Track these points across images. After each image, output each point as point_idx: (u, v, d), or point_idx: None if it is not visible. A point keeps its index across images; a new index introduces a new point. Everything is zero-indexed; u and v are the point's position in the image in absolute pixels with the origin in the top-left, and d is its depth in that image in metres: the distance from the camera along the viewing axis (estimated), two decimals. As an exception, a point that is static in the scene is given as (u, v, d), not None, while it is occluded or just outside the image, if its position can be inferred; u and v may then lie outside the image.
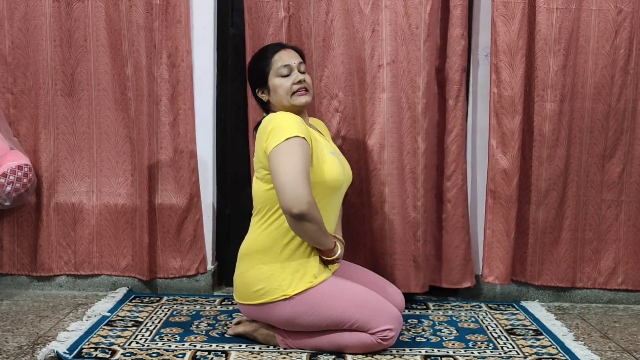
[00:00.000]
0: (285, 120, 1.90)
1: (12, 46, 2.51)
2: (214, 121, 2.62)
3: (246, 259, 2.00)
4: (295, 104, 2.00)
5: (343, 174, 2.02)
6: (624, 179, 2.54)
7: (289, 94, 1.99)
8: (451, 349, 2.04)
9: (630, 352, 2.07)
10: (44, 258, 2.59)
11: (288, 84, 1.99)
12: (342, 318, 1.91)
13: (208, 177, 2.61)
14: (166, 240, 2.58)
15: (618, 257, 2.58)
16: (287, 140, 1.85)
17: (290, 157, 1.83)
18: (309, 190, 1.82)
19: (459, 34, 2.42)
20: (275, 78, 2.00)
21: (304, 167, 1.84)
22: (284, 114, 1.94)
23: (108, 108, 2.57)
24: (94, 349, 1.96)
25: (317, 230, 1.87)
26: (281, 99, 2.00)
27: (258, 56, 2.08)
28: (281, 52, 2.03)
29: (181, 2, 2.49)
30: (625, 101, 2.49)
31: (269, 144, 1.87)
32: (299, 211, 1.80)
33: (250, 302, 1.97)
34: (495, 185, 2.46)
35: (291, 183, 1.80)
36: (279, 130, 1.87)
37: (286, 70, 2.00)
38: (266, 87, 2.02)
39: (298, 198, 1.79)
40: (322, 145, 1.99)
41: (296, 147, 1.85)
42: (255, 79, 2.04)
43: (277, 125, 1.88)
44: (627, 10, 2.42)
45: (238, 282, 2.02)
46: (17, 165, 2.42)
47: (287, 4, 2.46)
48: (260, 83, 2.03)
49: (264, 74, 2.01)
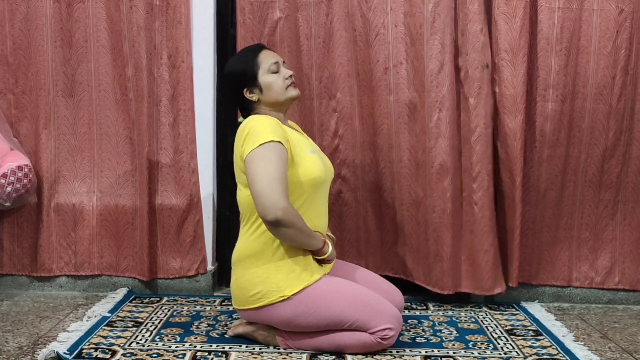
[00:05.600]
0: (261, 124, 1.90)
1: (14, 47, 2.52)
2: (214, 122, 2.62)
3: (240, 264, 2.00)
4: (291, 96, 2.04)
5: (325, 170, 2.02)
6: (621, 179, 2.54)
7: (283, 88, 2.02)
8: (451, 349, 2.04)
9: (630, 353, 2.07)
10: (44, 258, 2.59)
11: (280, 80, 2.03)
12: (341, 318, 1.91)
13: (208, 178, 2.61)
14: (166, 240, 2.58)
15: (614, 257, 2.58)
16: (262, 145, 1.85)
17: (265, 163, 1.84)
18: (283, 196, 1.82)
19: (477, 30, 2.36)
20: (267, 75, 2.02)
21: (279, 173, 1.84)
22: (260, 117, 1.94)
23: (108, 109, 2.57)
24: (94, 350, 1.97)
25: (298, 234, 1.88)
26: (276, 94, 2.02)
27: (241, 58, 2.07)
28: (264, 51, 2.06)
29: (181, 3, 2.50)
30: (625, 101, 2.49)
31: (244, 149, 1.88)
32: (273, 218, 1.81)
33: (249, 307, 1.97)
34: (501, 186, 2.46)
35: (264, 189, 1.81)
36: (254, 135, 1.88)
37: (276, 67, 2.03)
38: (257, 86, 2.02)
39: (272, 205, 1.80)
40: (301, 144, 2.00)
41: (271, 152, 1.85)
42: (244, 79, 2.03)
43: (253, 129, 1.89)
44: (628, 11, 2.42)
45: (235, 288, 2.02)
46: (17, 165, 2.42)
47: (282, 4, 2.46)
48: (249, 83, 2.02)
49: (253, 73, 2.02)
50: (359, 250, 2.61)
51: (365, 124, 2.52)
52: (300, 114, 2.54)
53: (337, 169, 2.52)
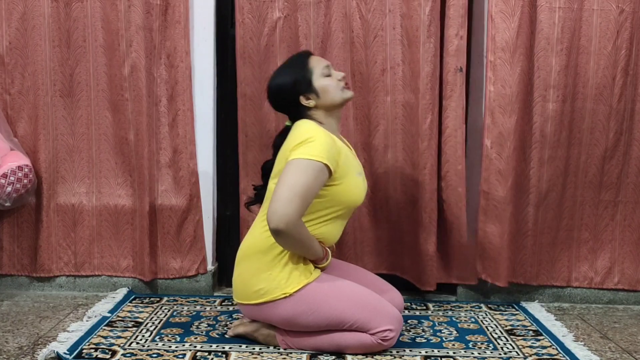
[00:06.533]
0: (320, 140, 1.90)
1: (10, 46, 2.51)
2: (214, 122, 2.62)
3: (246, 259, 2.00)
4: (347, 97, 2.06)
5: (364, 195, 2.05)
6: (621, 180, 2.54)
7: (339, 90, 2.03)
8: (451, 349, 2.05)
9: (630, 353, 2.07)
10: (44, 259, 2.59)
11: (335, 82, 2.03)
12: (342, 318, 1.92)
13: (208, 178, 2.61)
14: (166, 241, 2.58)
15: (614, 257, 2.58)
16: (311, 160, 1.86)
17: (301, 176, 1.84)
18: (296, 212, 1.82)
19: (452, 34, 2.42)
20: (321, 79, 2.02)
21: (308, 192, 1.84)
22: (320, 131, 1.94)
23: (107, 109, 2.56)
24: (94, 350, 1.97)
25: (296, 246, 1.90)
26: (333, 96, 2.02)
27: (291, 67, 2.05)
28: (313, 57, 2.07)
29: (181, 3, 2.49)
30: (625, 102, 2.49)
31: (294, 152, 1.88)
32: (274, 226, 1.82)
33: (251, 302, 1.98)
34: (489, 187, 2.45)
35: (284, 198, 1.82)
36: (308, 147, 1.88)
37: (327, 70, 2.04)
38: (313, 92, 2.01)
39: (282, 214, 1.81)
40: (350, 165, 2.00)
41: (314, 171, 1.86)
42: (299, 87, 2.01)
43: (311, 142, 1.89)
44: (628, 11, 2.42)
45: (238, 282, 2.02)
46: (17, 165, 2.42)
47: (281, 4, 2.46)
48: (305, 89, 2.01)
49: (308, 79, 2.01)
50: (355, 250, 2.62)
51: (360, 125, 2.54)
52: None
53: None
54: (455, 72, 2.43)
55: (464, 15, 2.42)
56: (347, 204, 2.00)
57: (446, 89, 2.46)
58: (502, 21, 2.39)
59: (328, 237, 2.02)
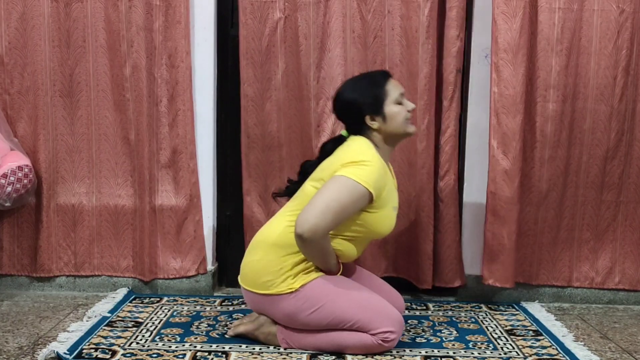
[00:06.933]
0: (375, 166, 1.90)
1: (9, 46, 2.51)
2: (214, 122, 2.62)
3: (261, 248, 2.00)
4: (409, 132, 2.04)
5: (392, 229, 2.05)
6: (622, 180, 2.54)
7: (404, 122, 2.02)
8: (451, 349, 2.05)
9: (630, 353, 2.07)
10: (44, 259, 2.59)
11: (404, 112, 2.01)
12: (344, 317, 1.92)
13: (208, 178, 2.61)
14: (166, 241, 2.58)
15: (615, 257, 2.58)
16: (357, 183, 1.86)
17: (342, 195, 1.85)
18: (324, 227, 1.85)
19: (454, 36, 2.43)
20: (393, 105, 1.99)
21: (342, 211, 1.86)
22: (378, 159, 1.94)
23: (107, 109, 2.56)
24: (94, 350, 1.97)
25: (314, 255, 1.93)
26: (397, 126, 2.00)
27: (368, 84, 2.01)
28: (392, 80, 2.04)
29: (181, 3, 2.49)
30: (626, 102, 2.49)
31: (344, 169, 1.88)
32: (301, 232, 1.84)
33: (256, 291, 1.98)
34: (495, 187, 2.45)
35: (318, 209, 1.84)
36: (362, 170, 1.88)
37: (401, 98, 2.02)
38: (380, 115, 1.99)
39: (312, 224, 1.83)
40: (391, 199, 2.00)
41: (356, 194, 1.86)
42: (370, 106, 1.98)
43: (366, 165, 1.89)
44: (629, 11, 2.42)
45: (247, 269, 2.02)
46: (17, 166, 2.42)
47: (282, 4, 2.47)
48: (374, 110, 1.99)
49: (380, 101, 1.99)
50: None
51: None
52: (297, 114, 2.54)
53: None
54: (455, 73, 2.45)
55: (463, 17, 2.44)
56: (373, 232, 2.01)
57: (446, 89, 2.47)
58: (504, 22, 2.40)
59: (347, 254, 2.03)
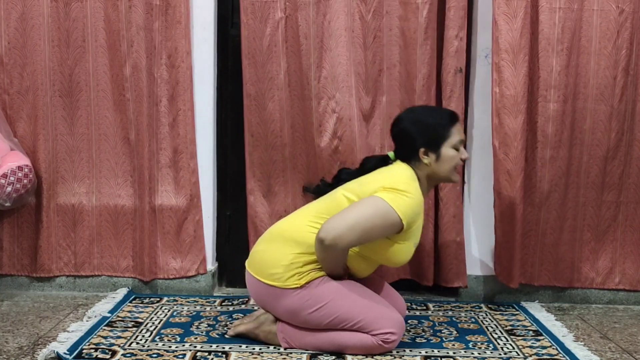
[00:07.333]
0: (414, 201, 1.91)
1: (9, 46, 2.51)
2: (214, 122, 2.62)
3: (277, 241, 2.00)
4: (453, 180, 2.06)
5: (405, 262, 2.06)
6: (623, 180, 2.54)
7: (454, 168, 2.03)
8: (451, 349, 2.05)
9: (630, 353, 2.07)
10: (44, 259, 2.59)
11: (457, 159, 2.02)
12: (346, 317, 1.93)
13: (208, 178, 2.61)
14: (166, 241, 2.58)
15: (615, 257, 2.58)
16: (393, 210, 1.87)
17: (375, 217, 1.87)
18: (349, 241, 1.88)
19: (452, 36, 2.44)
20: (450, 149, 2.01)
21: (370, 232, 1.88)
22: (419, 194, 1.95)
23: (107, 109, 2.56)
24: (94, 350, 1.97)
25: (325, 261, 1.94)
26: (446, 170, 2.02)
27: (436, 121, 2.02)
28: (458, 124, 2.05)
29: (181, 3, 2.49)
30: (626, 102, 2.48)
31: (384, 193, 1.89)
32: (323, 238, 1.86)
33: (262, 279, 1.98)
34: (500, 187, 2.45)
35: (346, 224, 1.86)
36: (401, 199, 1.89)
37: (459, 145, 2.03)
38: (435, 154, 2.00)
39: (336, 236, 1.85)
40: (416, 235, 2.01)
41: (389, 221, 1.88)
42: (429, 141, 1.99)
43: (406, 196, 1.90)
44: (628, 11, 2.42)
45: (258, 257, 2.03)
46: (17, 166, 2.42)
47: (284, 4, 2.47)
48: (431, 147, 2.00)
49: (440, 140, 2.00)
50: None
51: (361, 125, 2.54)
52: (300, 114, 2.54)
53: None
54: (455, 73, 2.45)
55: (463, 16, 2.44)
56: (388, 259, 2.02)
57: (446, 89, 2.47)
58: (505, 23, 2.40)
59: (356, 270, 2.05)
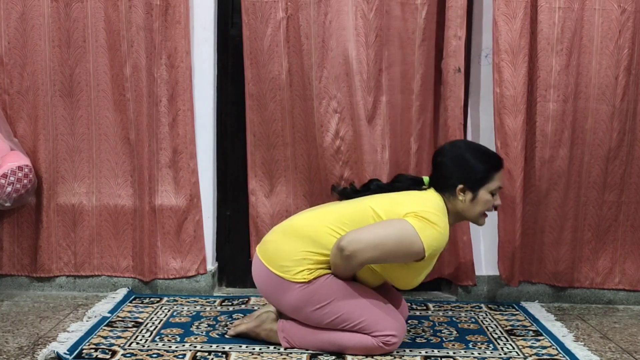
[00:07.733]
0: (442, 235, 1.92)
1: (9, 46, 2.50)
2: (214, 122, 2.62)
3: (294, 235, 2.00)
4: (480, 223, 2.08)
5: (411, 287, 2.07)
6: (624, 180, 2.54)
7: (484, 213, 2.05)
8: (451, 349, 2.05)
9: (630, 353, 2.07)
10: (44, 259, 2.59)
11: (490, 205, 2.04)
12: (349, 316, 1.93)
13: (208, 178, 2.61)
14: (166, 241, 2.58)
15: (615, 257, 2.58)
16: (419, 239, 1.87)
17: (400, 242, 1.88)
18: (369, 258, 1.89)
19: (451, 35, 2.43)
20: (487, 193, 2.02)
21: (391, 254, 1.89)
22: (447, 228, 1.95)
23: (107, 109, 2.56)
24: (94, 350, 1.97)
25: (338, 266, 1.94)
26: (476, 212, 2.03)
27: (484, 162, 2.03)
28: (501, 171, 2.06)
29: (181, 3, 2.49)
30: (628, 102, 2.48)
31: (414, 220, 1.89)
32: (344, 246, 1.87)
33: (271, 268, 1.98)
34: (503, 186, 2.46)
35: (371, 241, 1.87)
36: (429, 230, 1.89)
37: (496, 191, 2.04)
38: (472, 193, 2.01)
39: (358, 249, 1.86)
40: (430, 266, 2.01)
41: (413, 249, 1.88)
42: (470, 180, 2.00)
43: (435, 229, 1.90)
44: (630, 10, 2.41)
45: (271, 247, 2.03)
46: (17, 166, 2.42)
47: (285, 4, 2.47)
48: (472, 185, 2.00)
49: (481, 182, 2.00)
50: None
51: (364, 126, 2.53)
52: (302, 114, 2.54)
53: (340, 171, 2.51)
54: (454, 72, 2.45)
55: (462, 16, 2.42)
56: (397, 280, 2.03)
57: (445, 89, 2.47)
58: (504, 24, 2.40)
59: (363, 280, 2.04)
